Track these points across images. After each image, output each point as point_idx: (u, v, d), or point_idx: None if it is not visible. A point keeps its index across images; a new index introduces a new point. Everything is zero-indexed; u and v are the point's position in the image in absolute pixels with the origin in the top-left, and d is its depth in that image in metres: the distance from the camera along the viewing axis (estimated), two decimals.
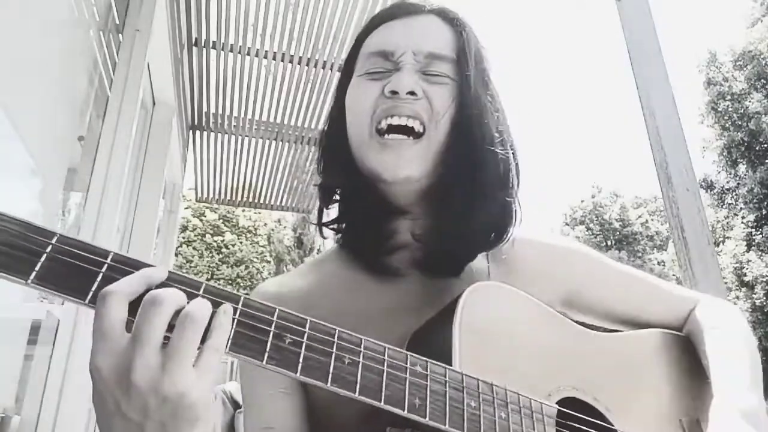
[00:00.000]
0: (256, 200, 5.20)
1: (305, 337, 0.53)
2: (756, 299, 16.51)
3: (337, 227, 0.85)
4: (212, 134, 4.18)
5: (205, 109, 3.91)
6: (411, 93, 0.74)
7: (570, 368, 0.72)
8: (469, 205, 0.76)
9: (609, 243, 25.35)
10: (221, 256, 18.09)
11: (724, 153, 18.18)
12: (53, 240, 0.48)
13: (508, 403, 0.61)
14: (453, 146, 0.75)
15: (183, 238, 17.37)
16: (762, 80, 17.83)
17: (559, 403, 0.67)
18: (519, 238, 0.84)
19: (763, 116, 17.31)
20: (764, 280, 16.38)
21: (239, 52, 3.34)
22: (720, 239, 17.67)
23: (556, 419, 0.65)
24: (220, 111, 3.91)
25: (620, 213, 26.11)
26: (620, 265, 0.91)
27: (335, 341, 0.54)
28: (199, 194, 5.05)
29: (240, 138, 4.20)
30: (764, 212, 16.91)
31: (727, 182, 18.45)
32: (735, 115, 17.98)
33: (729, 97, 18.16)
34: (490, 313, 0.67)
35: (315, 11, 3.03)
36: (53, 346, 1.73)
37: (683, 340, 0.87)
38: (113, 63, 2.11)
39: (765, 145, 17.45)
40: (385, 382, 0.54)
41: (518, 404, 0.61)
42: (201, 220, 18.27)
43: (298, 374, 0.51)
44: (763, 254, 16.73)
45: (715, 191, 18.73)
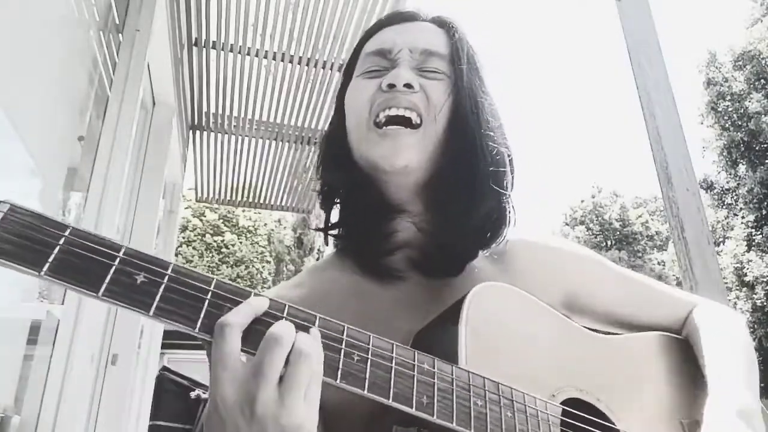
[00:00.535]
0: (256, 200, 5.20)
1: None
2: (756, 299, 16.51)
3: (338, 232, 0.86)
4: (212, 134, 4.18)
5: (205, 109, 3.91)
6: (408, 86, 0.76)
7: (573, 369, 0.73)
8: (466, 201, 0.77)
9: (609, 243, 25.36)
10: (221, 256, 18.08)
11: (724, 153, 18.18)
12: (66, 232, 0.48)
13: (514, 402, 0.61)
14: (450, 140, 0.77)
15: (183, 238, 17.36)
16: (762, 80, 17.83)
17: (563, 404, 0.68)
18: (518, 240, 0.85)
19: (763, 116, 17.31)
20: (764, 280, 16.38)
21: (239, 52, 3.34)
22: (720, 239, 17.67)
23: (561, 419, 0.65)
24: (220, 111, 3.91)
25: (620, 213, 26.10)
26: (619, 268, 0.92)
27: (344, 338, 0.54)
28: (199, 194, 5.05)
29: (240, 138, 4.20)
30: (764, 212, 16.91)
31: (727, 182, 18.45)
32: (735, 115, 17.98)
33: (729, 97, 18.15)
34: (496, 314, 0.68)
35: (315, 11, 3.03)
36: (53, 346, 1.73)
37: (682, 343, 0.88)
38: (113, 63, 2.11)
39: (765, 145, 17.45)
40: (394, 380, 0.54)
41: (524, 403, 0.62)
42: (201, 220, 18.27)
43: None
44: (764, 254, 16.73)
45: (715, 191, 18.73)
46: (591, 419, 0.69)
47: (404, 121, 0.76)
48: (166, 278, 0.50)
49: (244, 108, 3.87)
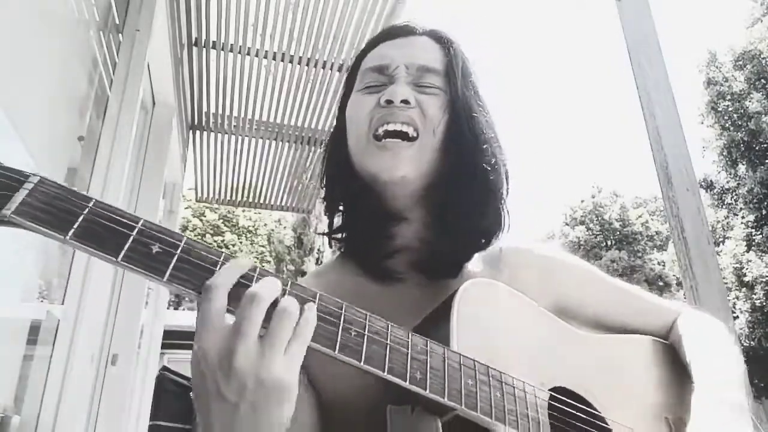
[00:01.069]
0: (256, 200, 5.20)
1: (315, 308, 0.56)
2: (756, 299, 16.51)
3: (340, 236, 0.90)
4: (212, 134, 4.17)
5: (205, 109, 3.91)
6: (404, 101, 0.80)
7: (560, 363, 0.75)
8: (463, 210, 0.81)
9: (609, 243, 25.35)
10: None
11: (724, 153, 18.17)
12: (90, 204, 0.53)
13: (503, 384, 0.63)
14: (446, 152, 0.81)
15: None
16: (762, 80, 17.82)
17: (552, 391, 0.70)
18: (513, 248, 0.89)
19: (763, 116, 17.30)
20: (764, 281, 16.38)
21: (239, 52, 3.34)
22: (720, 239, 17.67)
23: (549, 402, 0.68)
24: (220, 111, 3.91)
25: (620, 213, 26.09)
26: (608, 277, 0.96)
27: (342, 313, 0.57)
28: (199, 194, 5.05)
29: (240, 138, 4.20)
30: (764, 212, 16.91)
31: (727, 182, 18.44)
32: (735, 115, 17.98)
33: (729, 97, 18.15)
34: (486, 306, 0.70)
35: (315, 11, 3.03)
36: (53, 346, 1.73)
37: (669, 348, 0.91)
38: (113, 63, 2.11)
39: (765, 145, 17.45)
40: (389, 356, 0.57)
41: (512, 386, 0.64)
42: (201, 220, 18.27)
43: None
44: (763, 254, 16.73)
45: (715, 191, 18.72)
46: (578, 405, 0.71)
47: (401, 135, 0.80)
48: (179, 249, 0.54)
49: (244, 108, 3.87)
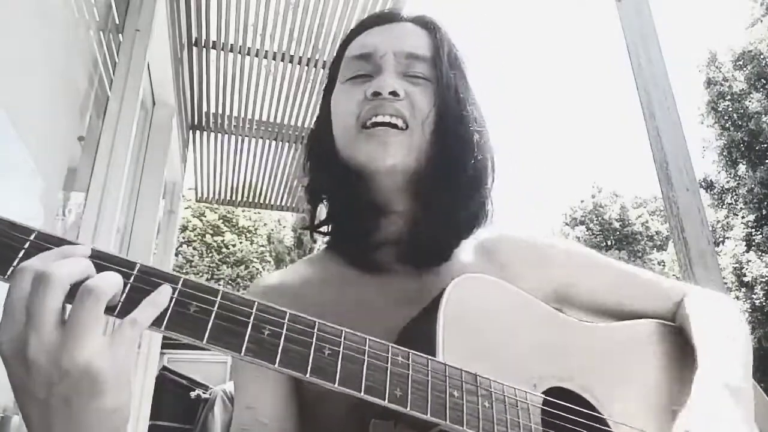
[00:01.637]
0: (256, 200, 5.20)
1: (285, 329, 0.53)
2: (756, 299, 16.51)
3: (326, 229, 0.88)
4: (212, 134, 4.17)
5: (205, 109, 3.91)
6: (393, 93, 0.78)
7: (556, 358, 0.72)
8: (450, 200, 0.80)
9: (609, 243, 25.35)
10: (221, 256, 18.09)
11: (724, 153, 18.17)
12: (31, 237, 0.49)
13: (492, 393, 0.61)
14: (435, 143, 0.79)
15: (183, 238, 17.36)
16: (762, 80, 17.82)
17: (547, 393, 0.67)
18: (505, 236, 0.88)
19: (763, 116, 17.30)
20: (764, 281, 16.38)
21: (239, 52, 3.34)
22: (720, 239, 17.66)
23: (543, 408, 0.65)
24: (220, 111, 3.91)
25: (620, 213, 26.09)
26: (607, 259, 0.92)
27: (315, 332, 0.54)
28: (199, 194, 5.04)
29: (240, 138, 4.20)
30: (764, 212, 16.90)
31: (727, 182, 18.43)
32: (735, 115, 17.97)
33: (729, 97, 18.14)
34: (474, 305, 0.68)
35: (315, 11, 3.03)
36: None
37: (676, 330, 0.87)
38: (113, 63, 2.11)
39: (765, 145, 17.45)
40: (366, 373, 0.54)
41: (503, 394, 0.62)
42: (201, 220, 18.27)
43: (276, 365, 0.51)
44: (763, 254, 16.73)
45: (715, 191, 18.71)
46: (573, 408, 0.68)
47: (390, 127, 0.78)
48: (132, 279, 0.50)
49: (244, 108, 3.87)
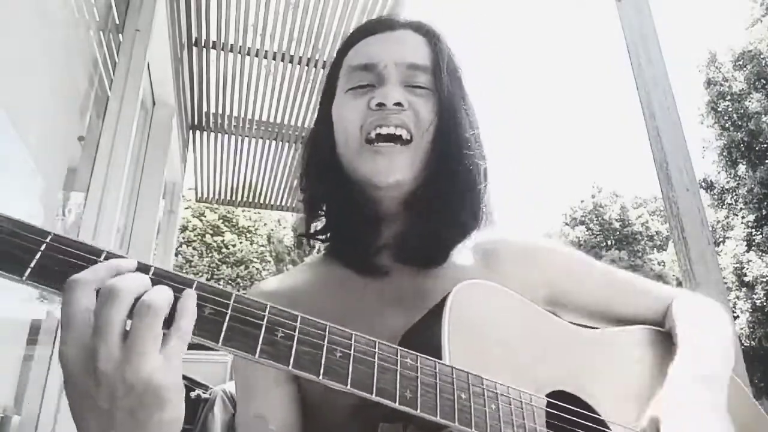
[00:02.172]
0: (256, 200, 5.20)
1: (297, 331, 0.54)
2: (756, 299, 16.50)
3: (324, 237, 0.89)
4: (212, 134, 4.17)
5: (205, 109, 3.91)
6: (397, 104, 0.79)
7: (556, 362, 0.74)
8: (447, 207, 0.81)
9: (609, 243, 25.34)
10: (221, 256, 18.08)
11: (724, 153, 18.17)
12: (47, 239, 0.49)
13: (499, 395, 0.62)
14: (434, 153, 0.81)
15: (183, 238, 17.36)
16: (762, 80, 17.82)
17: (549, 396, 0.68)
18: (504, 239, 0.89)
19: (763, 116, 17.30)
20: (764, 280, 16.38)
21: (239, 52, 3.34)
22: (720, 239, 17.66)
23: (546, 410, 0.66)
24: (220, 111, 3.91)
25: (620, 213, 26.09)
26: (603, 265, 0.94)
27: (326, 335, 0.55)
28: (199, 194, 5.04)
29: (240, 138, 4.20)
30: (764, 212, 16.90)
31: (727, 182, 18.43)
32: (735, 115, 17.97)
33: (729, 97, 18.14)
34: (478, 310, 0.69)
35: (315, 11, 3.03)
36: (53, 346, 1.73)
37: (665, 336, 0.89)
38: (113, 63, 2.11)
39: (765, 145, 17.44)
40: (377, 375, 0.55)
41: (508, 396, 0.63)
42: (201, 220, 18.27)
43: (291, 367, 0.52)
44: (763, 254, 16.72)
45: (715, 191, 18.71)
46: (576, 410, 0.70)
47: (395, 139, 0.79)
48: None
49: (244, 108, 3.87)
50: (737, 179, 18.02)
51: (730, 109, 18.05)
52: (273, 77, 3.57)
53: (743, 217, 17.52)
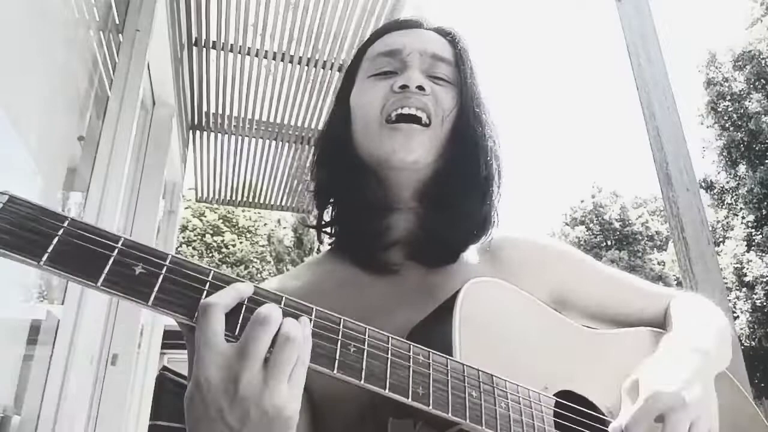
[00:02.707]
0: (256, 200, 5.19)
1: (312, 324, 0.54)
2: (756, 299, 16.50)
3: (332, 230, 0.89)
4: (212, 134, 4.17)
5: (205, 109, 3.91)
6: (420, 88, 0.80)
7: (564, 362, 0.74)
8: (461, 202, 0.81)
9: (609, 243, 25.33)
10: (221, 256, 18.08)
11: (724, 153, 18.17)
12: (65, 223, 0.49)
13: (508, 394, 0.62)
14: (452, 144, 0.81)
15: (183, 238, 17.36)
16: (762, 80, 17.82)
17: (556, 396, 0.69)
18: (509, 237, 0.89)
19: (763, 116, 17.30)
20: (764, 280, 16.38)
21: (239, 52, 3.34)
22: (720, 239, 17.66)
23: (554, 410, 0.67)
24: (220, 111, 3.91)
25: (620, 213, 26.08)
26: (603, 266, 0.96)
27: (341, 329, 0.55)
28: (199, 194, 5.04)
29: (240, 138, 4.20)
30: (764, 212, 16.90)
31: (727, 182, 18.42)
32: (735, 115, 17.97)
33: (729, 97, 18.14)
34: (488, 309, 0.69)
35: (315, 11, 3.03)
36: (53, 346, 1.73)
37: None
38: (113, 63, 2.11)
39: (765, 145, 17.44)
40: (390, 371, 0.55)
41: (518, 395, 0.63)
42: (201, 220, 18.26)
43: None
44: (763, 254, 16.72)
45: (715, 191, 18.70)
46: (583, 410, 0.70)
47: (415, 120, 0.79)
48: (165, 269, 0.51)
49: (244, 108, 3.87)
50: (737, 179, 18.02)
51: (730, 109, 18.05)
52: (273, 77, 3.57)
53: (743, 217, 17.52)
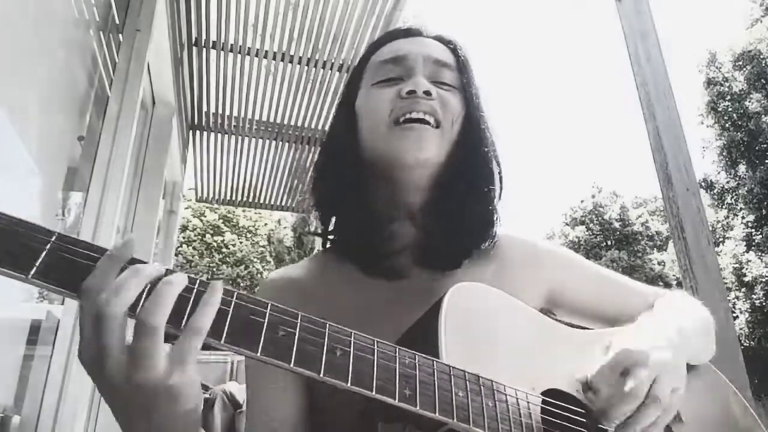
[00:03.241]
0: (256, 200, 5.20)
1: (298, 329, 0.54)
2: (756, 299, 16.51)
3: (334, 238, 0.90)
4: (212, 134, 4.17)
5: (205, 109, 3.91)
6: (427, 92, 0.81)
7: (550, 365, 0.75)
8: (465, 206, 0.82)
9: (609, 243, 25.34)
10: (221, 256, 18.09)
11: (724, 153, 18.18)
12: (53, 238, 0.50)
13: (495, 392, 0.63)
14: (459, 149, 0.83)
15: (183, 238, 17.36)
16: (762, 80, 17.83)
17: (544, 394, 0.69)
18: (506, 238, 0.90)
19: (763, 116, 17.31)
20: (764, 280, 16.38)
21: (239, 52, 3.34)
22: (720, 239, 17.67)
23: (542, 407, 0.67)
24: (220, 111, 3.91)
25: (620, 213, 26.09)
26: (597, 266, 0.97)
27: (326, 332, 0.55)
28: (199, 194, 5.05)
29: (240, 138, 4.20)
30: (764, 212, 16.91)
31: (727, 182, 18.44)
32: (735, 115, 17.99)
33: (729, 97, 18.16)
34: (473, 311, 0.70)
35: (315, 11, 3.03)
36: (53, 346, 1.73)
37: None
38: (113, 63, 2.11)
39: (765, 145, 17.45)
40: (376, 373, 0.56)
41: (504, 393, 0.64)
42: (201, 220, 18.27)
43: (292, 365, 0.52)
44: (763, 254, 16.73)
45: (715, 191, 18.72)
46: (571, 408, 0.70)
47: (425, 123, 0.80)
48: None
49: (244, 108, 3.87)
50: (737, 179, 18.03)
51: (730, 109, 18.06)
52: (273, 77, 3.57)
53: (743, 217, 17.53)
